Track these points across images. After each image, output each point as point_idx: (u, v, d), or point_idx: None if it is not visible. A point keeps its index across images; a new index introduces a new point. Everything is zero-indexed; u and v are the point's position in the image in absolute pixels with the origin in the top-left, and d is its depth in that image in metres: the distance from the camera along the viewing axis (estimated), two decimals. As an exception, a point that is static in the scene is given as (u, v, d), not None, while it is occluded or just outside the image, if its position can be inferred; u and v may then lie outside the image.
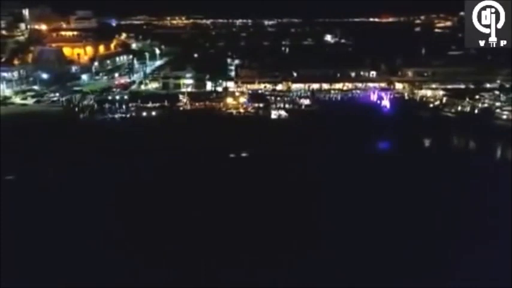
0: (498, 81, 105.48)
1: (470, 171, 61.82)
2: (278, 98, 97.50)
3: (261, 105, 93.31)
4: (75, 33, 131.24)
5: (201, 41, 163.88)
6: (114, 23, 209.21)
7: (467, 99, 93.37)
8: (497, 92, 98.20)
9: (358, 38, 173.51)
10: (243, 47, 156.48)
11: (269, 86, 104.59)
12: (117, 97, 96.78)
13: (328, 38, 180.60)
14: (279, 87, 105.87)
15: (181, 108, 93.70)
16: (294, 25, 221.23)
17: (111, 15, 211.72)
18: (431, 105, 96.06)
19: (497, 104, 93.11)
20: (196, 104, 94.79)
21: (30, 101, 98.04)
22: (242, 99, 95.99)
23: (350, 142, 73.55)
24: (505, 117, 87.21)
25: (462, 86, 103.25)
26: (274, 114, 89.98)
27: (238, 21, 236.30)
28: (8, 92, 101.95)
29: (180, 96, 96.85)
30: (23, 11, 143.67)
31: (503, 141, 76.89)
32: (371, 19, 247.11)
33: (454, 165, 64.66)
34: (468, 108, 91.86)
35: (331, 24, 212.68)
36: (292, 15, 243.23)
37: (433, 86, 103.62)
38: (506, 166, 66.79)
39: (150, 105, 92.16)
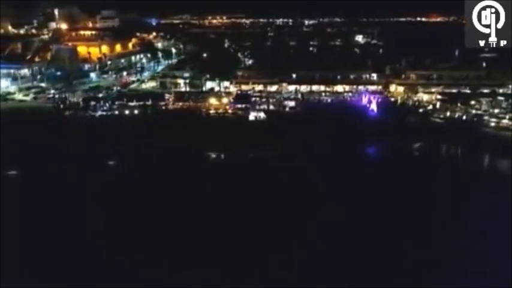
0: (510, 86, 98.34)
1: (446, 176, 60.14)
2: (263, 100, 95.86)
3: (242, 106, 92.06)
4: (93, 32, 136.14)
5: (225, 41, 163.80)
6: (154, 22, 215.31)
7: (459, 105, 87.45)
8: (501, 98, 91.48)
9: (396, 39, 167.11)
10: (264, 47, 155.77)
11: (259, 87, 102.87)
12: (105, 95, 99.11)
13: (359, 38, 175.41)
14: (274, 88, 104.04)
15: (163, 108, 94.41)
16: (333, 25, 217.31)
17: (152, 14, 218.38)
18: (421, 110, 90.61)
19: (496, 110, 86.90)
20: (180, 103, 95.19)
21: (29, 98, 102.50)
22: (225, 100, 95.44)
23: (322, 145, 71.22)
24: (493, 124, 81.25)
25: (463, 91, 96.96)
26: (252, 116, 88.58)
27: (279, 21, 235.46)
28: (13, 88, 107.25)
29: (166, 96, 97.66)
30: (55, 11, 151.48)
31: (484, 150, 71.68)
32: (418, 18, 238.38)
33: (428, 171, 62.67)
34: (457, 114, 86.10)
35: (374, 24, 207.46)
36: (338, 14, 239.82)
37: (433, 89, 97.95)
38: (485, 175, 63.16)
39: (133, 103, 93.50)
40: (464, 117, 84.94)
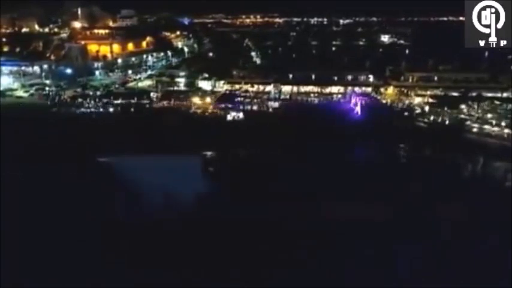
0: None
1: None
2: (247, 100, 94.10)
3: (223, 105, 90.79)
4: (106, 31, 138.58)
5: (245, 40, 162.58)
6: (186, 22, 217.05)
7: (446, 109, 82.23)
8: (497, 102, 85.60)
9: (427, 39, 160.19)
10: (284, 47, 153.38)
11: (245, 87, 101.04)
12: (91, 93, 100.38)
13: (386, 38, 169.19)
14: (262, 88, 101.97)
15: (147, 106, 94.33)
16: (368, 24, 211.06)
17: (186, 13, 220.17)
18: (406, 113, 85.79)
19: (489, 115, 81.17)
20: (164, 102, 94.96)
21: (27, 94, 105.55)
22: (208, 99, 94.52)
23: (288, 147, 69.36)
24: (475, 130, 76.51)
25: (453, 94, 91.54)
26: (230, 116, 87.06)
27: (313, 20, 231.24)
28: (15, 84, 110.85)
29: (153, 94, 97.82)
30: (78, 10, 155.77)
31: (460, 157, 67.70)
32: (461, 18, 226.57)
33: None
34: (441, 119, 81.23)
35: (409, 23, 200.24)
36: (376, 14, 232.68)
37: (428, 92, 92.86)
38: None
39: (119, 101, 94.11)
40: (446, 122, 79.51)
